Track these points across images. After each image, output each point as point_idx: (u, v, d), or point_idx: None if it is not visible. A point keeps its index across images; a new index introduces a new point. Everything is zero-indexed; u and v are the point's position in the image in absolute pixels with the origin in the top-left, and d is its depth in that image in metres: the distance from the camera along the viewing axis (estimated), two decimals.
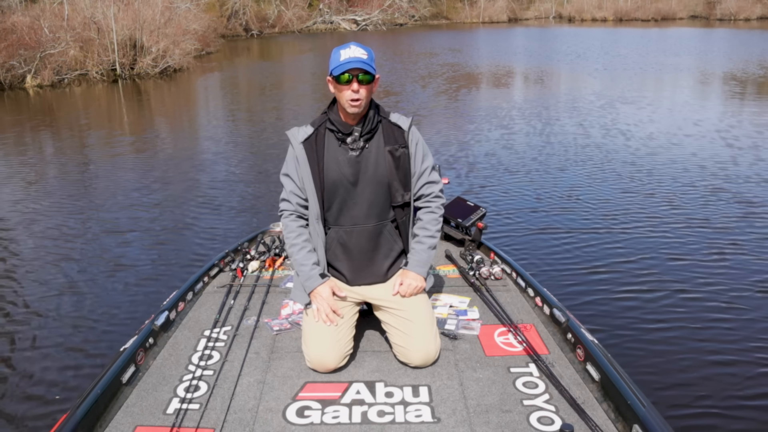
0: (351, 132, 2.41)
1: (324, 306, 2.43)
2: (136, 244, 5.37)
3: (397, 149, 2.43)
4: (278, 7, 43.45)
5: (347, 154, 2.42)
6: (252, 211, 6.18)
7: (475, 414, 2.10)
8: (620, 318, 3.92)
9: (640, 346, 3.60)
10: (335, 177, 2.42)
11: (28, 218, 6.13)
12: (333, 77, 2.34)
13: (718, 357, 3.49)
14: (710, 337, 3.70)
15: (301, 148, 2.44)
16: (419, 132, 2.53)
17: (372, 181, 2.43)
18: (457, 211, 3.69)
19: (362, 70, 2.30)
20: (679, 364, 3.43)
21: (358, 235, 2.48)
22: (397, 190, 2.47)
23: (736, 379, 3.29)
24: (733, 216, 5.72)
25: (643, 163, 7.70)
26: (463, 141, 9.12)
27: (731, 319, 3.88)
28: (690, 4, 53.64)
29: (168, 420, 2.09)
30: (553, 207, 6.10)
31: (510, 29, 43.87)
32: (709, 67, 18.49)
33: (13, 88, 16.31)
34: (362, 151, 2.42)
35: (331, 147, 2.44)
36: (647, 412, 1.93)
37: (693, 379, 3.29)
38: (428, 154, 2.55)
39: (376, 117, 2.44)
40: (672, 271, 4.60)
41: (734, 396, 3.15)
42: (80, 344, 3.75)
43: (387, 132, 2.45)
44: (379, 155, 2.43)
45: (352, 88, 2.30)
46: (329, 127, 2.44)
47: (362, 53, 2.32)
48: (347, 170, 2.42)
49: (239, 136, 10.20)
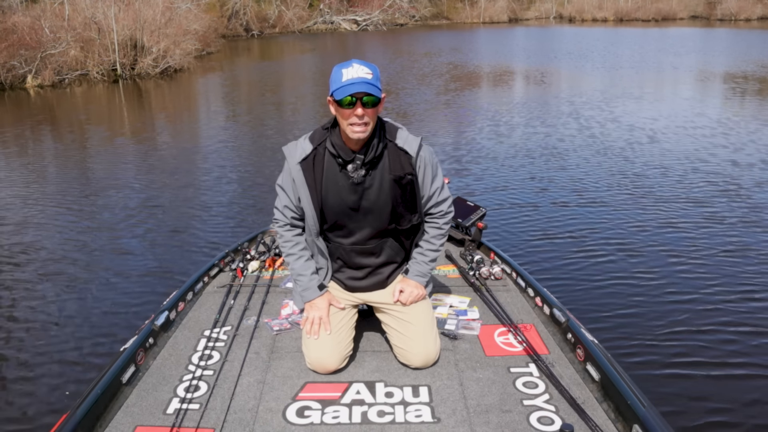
0: (353, 159, 2.23)
1: (317, 318, 2.38)
2: (136, 244, 5.37)
3: (404, 177, 2.26)
4: (279, 7, 43.44)
5: (348, 180, 2.26)
6: (252, 212, 6.18)
7: (475, 414, 2.10)
8: (620, 318, 3.92)
9: (640, 346, 3.60)
10: (335, 203, 2.29)
11: (28, 218, 6.13)
12: (334, 99, 2.15)
13: (719, 357, 3.49)
14: (711, 337, 3.70)
15: (298, 169, 2.27)
16: (428, 150, 2.35)
17: (374, 208, 2.31)
18: (457, 211, 3.67)
19: (366, 93, 2.10)
20: (679, 364, 3.42)
21: (360, 253, 2.44)
22: (403, 216, 2.37)
23: (736, 379, 3.29)
24: (737, 217, 5.72)
25: (644, 162, 7.70)
26: (464, 140, 9.12)
27: (732, 320, 3.88)
28: (690, 4, 53.63)
29: (168, 420, 2.09)
30: (554, 207, 6.10)
31: (510, 29, 43.86)
32: (709, 66, 18.48)
33: (14, 88, 16.31)
34: (365, 179, 2.25)
35: (331, 171, 2.26)
36: (647, 412, 1.93)
37: (693, 379, 3.28)
38: (438, 174, 2.39)
39: (380, 143, 2.24)
40: (673, 271, 4.59)
41: (735, 396, 3.15)
42: (80, 344, 3.75)
43: (393, 158, 2.26)
44: (383, 183, 2.26)
45: (356, 113, 2.11)
46: (330, 149, 2.26)
47: (366, 73, 2.12)
48: (348, 197, 2.28)
49: (240, 136, 10.20)
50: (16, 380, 3.40)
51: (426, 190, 2.36)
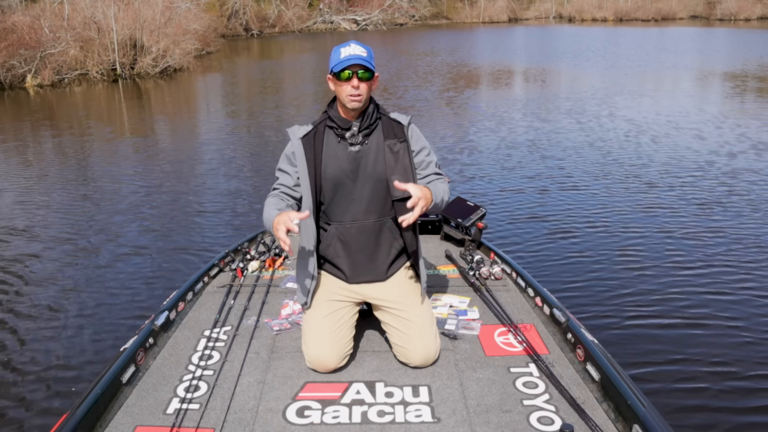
0: (350, 127, 2.40)
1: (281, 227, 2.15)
2: (136, 244, 5.37)
3: (396, 144, 2.43)
4: (278, 6, 43.45)
5: (347, 150, 2.41)
6: (252, 211, 6.18)
7: (475, 414, 2.10)
8: (620, 318, 3.92)
9: (640, 346, 3.60)
10: (334, 173, 2.41)
11: (28, 218, 6.12)
12: (333, 74, 2.34)
13: (720, 357, 3.48)
14: (711, 337, 3.70)
15: (299, 143, 2.43)
16: (419, 129, 2.52)
17: (372, 177, 2.41)
18: (457, 211, 3.68)
19: (362, 67, 2.31)
20: (679, 364, 3.43)
21: (358, 232, 2.46)
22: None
23: (737, 379, 3.29)
24: (739, 217, 5.71)
25: (644, 161, 7.70)
26: (464, 140, 9.12)
27: (734, 320, 3.88)
28: (690, 4, 53.68)
29: (168, 420, 2.09)
30: (554, 207, 6.10)
31: (510, 29, 43.88)
32: (709, 66, 18.48)
33: (14, 87, 16.31)
34: (362, 147, 2.41)
35: (331, 143, 2.43)
36: (647, 412, 1.93)
37: (693, 379, 3.28)
38: (432, 151, 2.54)
39: (375, 113, 2.44)
40: (673, 271, 4.59)
41: (735, 396, 3.15)
42: (80, 344, 3.75)
43: (386, 127, 2.44)
44: (378, 151, 2.42)
45: (352, 84, 2.31)
46: (329, 124, 2.44)
47: (362, 51, 2.33)
48: (346, 166, 2.41)
49: (240, 135, 10.20)
50: (16, 380, 3.39)
51: (421, 157, 2.49)
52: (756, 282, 4.39)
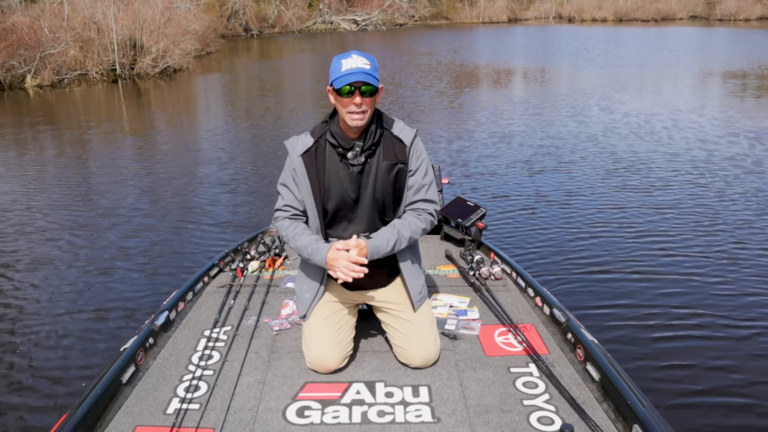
0: (352, 147, 2.29)
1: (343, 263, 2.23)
2: (136, 245, 5.37)
3: (395, 165, 2.31)
4: (278, 7, 43.44)
5: (348, 169, 2.31)
6: (252, 211, 6.18)
7: (475, 414, 2.10)
8: (620, 318, 3.92)
9: (640, 346, 3.60)
10: (337, 194, 2.33)
11: (28, 218, 6.12)
12: (334, 89, 2.22)
13: (720, 357, 3.48)
14: (712, 337, 3.70)
15: (300, 161, 2.32)
16: (422, 145, 2.39)
17: (371, 197, 2.34)
18: (457, 211, 3.69)
19: (365, 82, 2.17)
20: (679, 364, 3.42)
21: None
22: (390, 206, 2.38)
23: (737, 379, 3.29)
24: (740, 217, 5.71)
25: (644, 161, 7.70)
26: (464, 140, 9.12)
27: (734, 320, 3.88)
28: (690, 4, 53.68)
29: (168, 420, 2.09)
30: (554, 206, 6.10)
31: (510, 29, 43.89)
32: (709, 65, 18.49)
33: (13, 88, 16.30)
34: (363, 167, 2.31)
35: (332, 162, 2.32)
36: (647, 412, 1.93)
37: (694, 379, 3.28)
38: (430, 172, 2.41)
39: (378, 130, 2.31)
40: (674, 271, 4.59)
41: (735, 396, 3.14)
42: (80, 344, 3.75)
43: (388, 146, 2.32)
44: (378, 171, 2.32)
45: (354, 102, 2.18)
46: (329, 140, 2.33)
47: (365, 63, 2.19)
48: (348, 186, 2.32)
49: (240, 135, 10.20)
50: (16, 380, 3.39)
51: (416, 180, 2.37)
52: (757, 282, 4.39)
